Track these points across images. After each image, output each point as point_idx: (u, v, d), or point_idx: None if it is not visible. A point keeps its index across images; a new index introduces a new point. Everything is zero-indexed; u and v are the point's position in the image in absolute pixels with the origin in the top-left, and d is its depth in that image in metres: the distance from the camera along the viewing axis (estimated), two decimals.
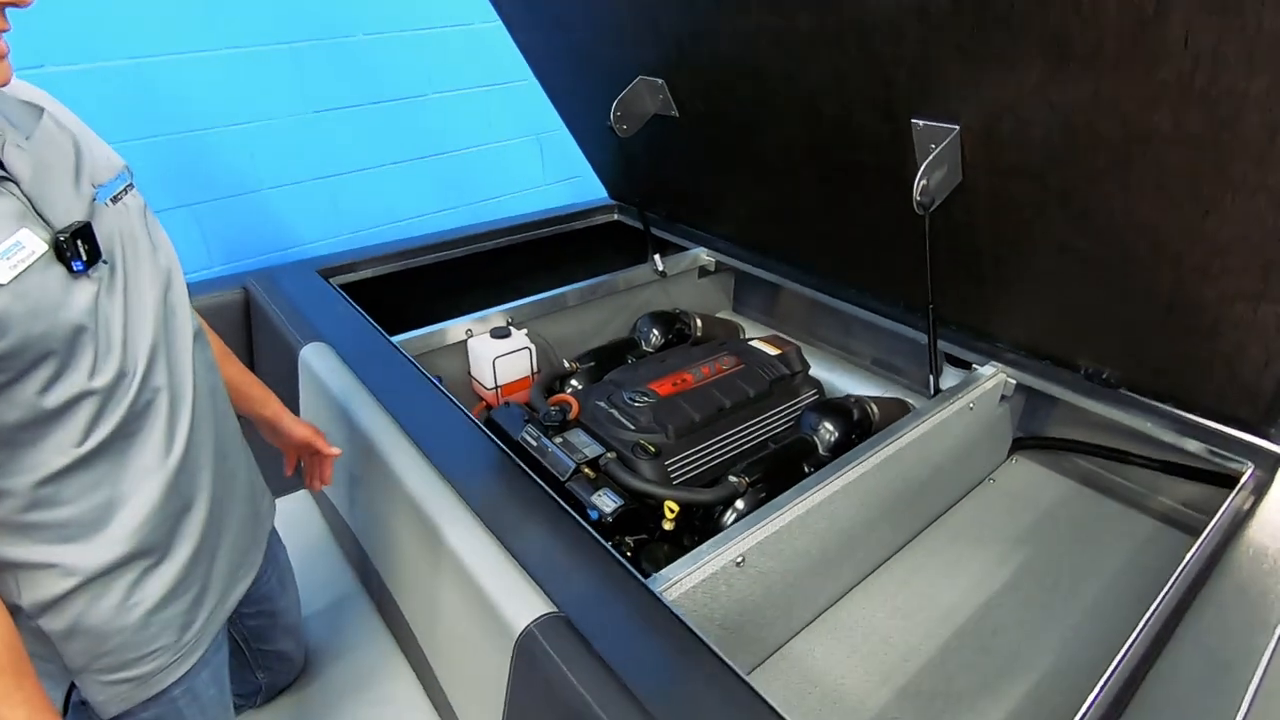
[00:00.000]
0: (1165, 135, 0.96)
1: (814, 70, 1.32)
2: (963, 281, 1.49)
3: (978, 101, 1.13)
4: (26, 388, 0.74)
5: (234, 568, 1.02)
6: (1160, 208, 1.05)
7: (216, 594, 0.97)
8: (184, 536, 0.91)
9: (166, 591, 0.89)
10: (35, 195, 0.76)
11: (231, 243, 2.33)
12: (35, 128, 0.80)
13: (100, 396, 0.80)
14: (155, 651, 0.89)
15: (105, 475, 0.82)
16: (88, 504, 0.81)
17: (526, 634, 0.91)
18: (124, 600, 0.85)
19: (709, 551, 1.12)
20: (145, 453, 0.85)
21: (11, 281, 0.71)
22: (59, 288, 0.76)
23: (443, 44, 2.48)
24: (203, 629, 0.95)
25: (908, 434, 1.40)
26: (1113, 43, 0.91)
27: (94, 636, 0.84)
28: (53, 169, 0.80)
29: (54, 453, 0.78)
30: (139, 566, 0.86)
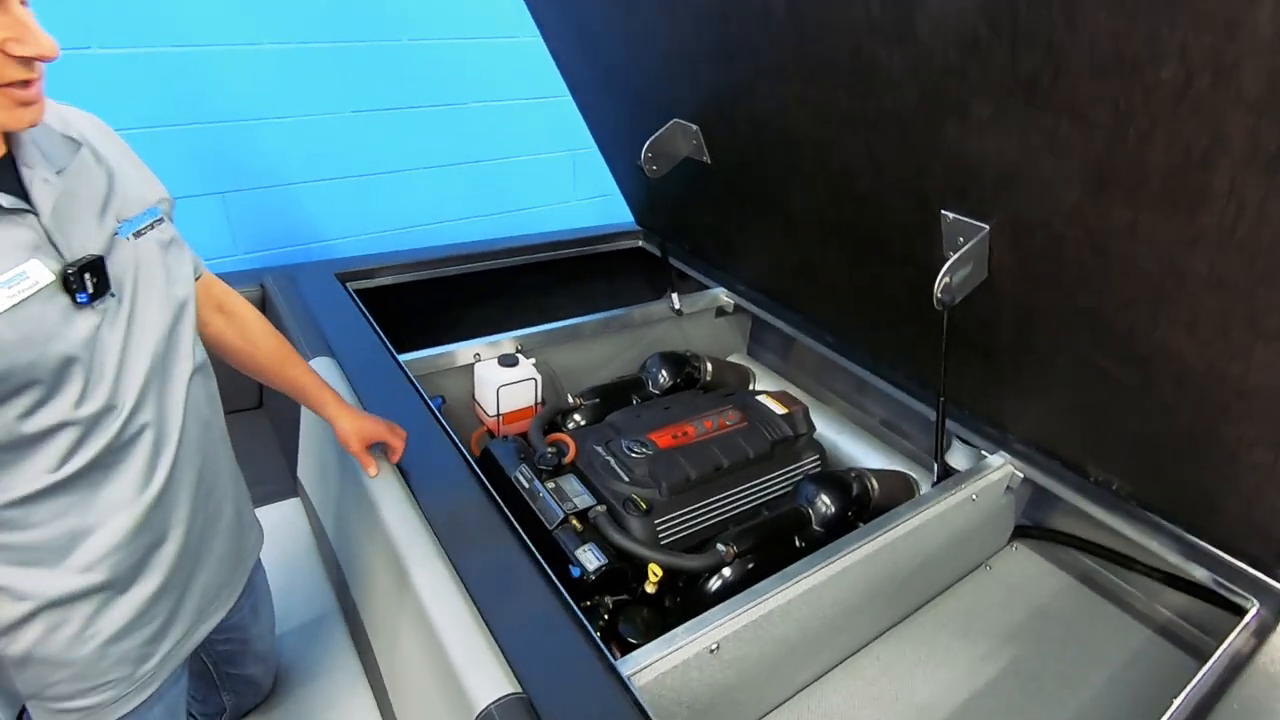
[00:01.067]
0: (1201, 277, 0.92)
1: (850, 147, 1.29)
2: (979, 369, 1.45)
3: (1011, 207, 1.10)
4: (7, 412, 0.75)
5: (206, 603, 1.01)
6: (1188, 344, 1.01)
7: (181, 629, 0.97)
8: (152, 570, 0.90)
9: (126, 624, 0.88)
10: (53, 227, 0.77)
11: (257, 233, 2.34)
12: (70, 161, 0.83)
13: (82, 426, 0.80)
14: (108, 683, 0.89)
15: (76, 503, 0.82)
16: (55, 530, 0.81)
17: (485, 715, 0.90)
18: (81, 631, 0.85)
19: (683, 636, 1.10)
20: (121, 486, 0.85)
21: (7, 310, 0.72)
22: (58, 318, 0.77)
23: (487, 55, 2.47)
24: (161, 663, 0.94)
25: (904, 524, 1.37)
26: (1157, 180, 0.87)
27: (47, 665, 0.84)
28: (78, 202, 0.81)
29: (28, 477, 0.78)
30: (100, 598, 0.86)
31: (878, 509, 1.61)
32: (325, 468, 1.52)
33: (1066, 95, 0.88)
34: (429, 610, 1.04)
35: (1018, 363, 1.34)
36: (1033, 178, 1.02)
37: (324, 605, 1.52)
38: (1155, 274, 0.97)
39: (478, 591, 1.07)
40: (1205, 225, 0.86)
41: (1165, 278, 0.96)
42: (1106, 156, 0.90)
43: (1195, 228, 0.87)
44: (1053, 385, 1.32)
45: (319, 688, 1.36)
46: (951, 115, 1.05)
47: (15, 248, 0.74)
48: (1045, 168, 0.99)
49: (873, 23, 1.04)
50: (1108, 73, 0.82)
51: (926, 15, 0.95)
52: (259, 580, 1.25)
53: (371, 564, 1.27)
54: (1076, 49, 0.83)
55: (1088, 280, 1.06)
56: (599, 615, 1.33)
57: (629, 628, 1.31)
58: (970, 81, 0.98)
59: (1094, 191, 0.95)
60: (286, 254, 2.39)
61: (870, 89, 1.14)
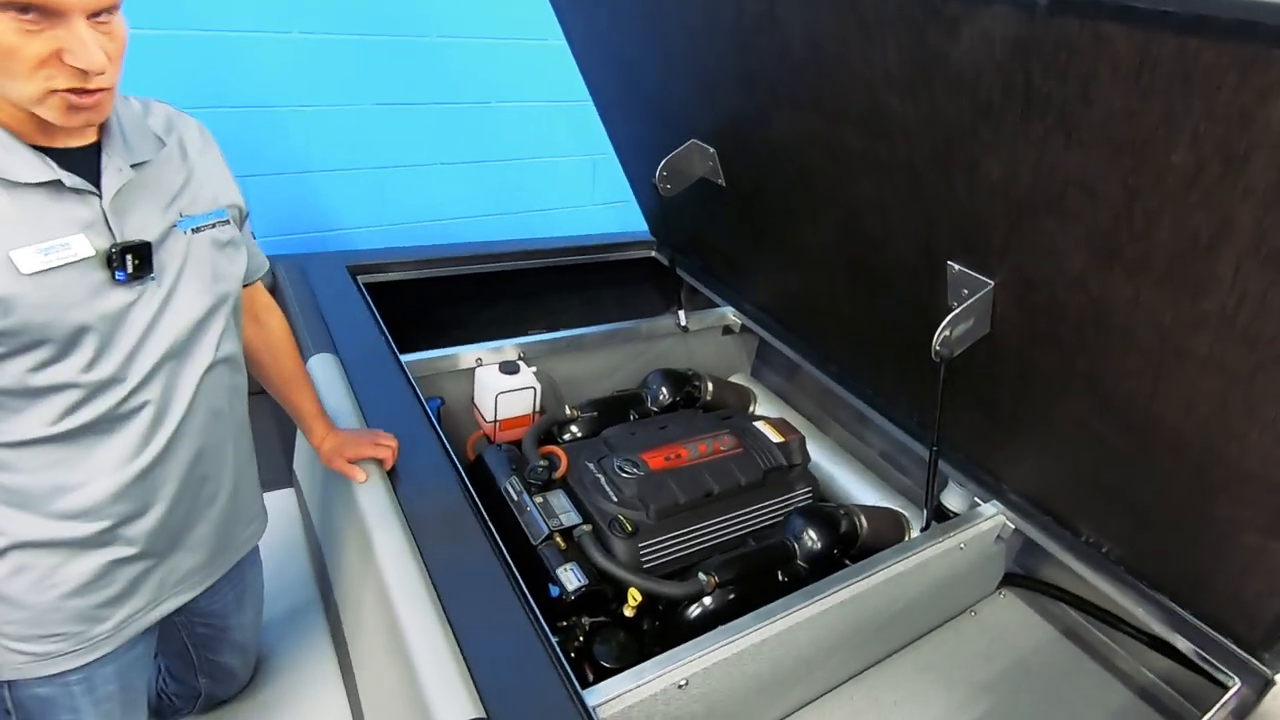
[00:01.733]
0: (1201, 358, 0.90)
1: (861, 188, 1.28)
2: (976, 418, 1.44)
3: (1017, 267, 1.08)
4: (20, 363, 0.81)
5: (175, 582, 1.04)
6: (1185, 421, 0.99)
7: (142, 601, 1.00)
8: (123, 538, 0.94)
9: (85, 582, 0.92)
10: (112, 210, 0.85)
11: (275, 218, 2.37)
12: (152, 156, 0.91)
13: (85, 390, 0.85)
14: (59, 636, 0.93)
15: (65, 459, 0.87)
16: (41, 479, 0.87)
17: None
18: (42, 579, 0.90)
19: (652, 670, 1.10)
20: (111, 452, 0.90)
21: (35, 274, 0.79)
22: (88, 290, 0.83)
23: (514, 55, 2.47)
24: (116, 629, 0.97)
25: (888, 568, 1.36)
26: (1161, 259, 0.85)
27: (7, 602, 0.89)
28: (144, 192, 0.89)
29: (26, 425, 0.84)
30: (67, 551, 0.90)
31: (866, 547, 1.60)
32: (316, 464, 1.54)
33: (1076, 166, 0.87)
34: (403, 624, 1.05)
35: (1015, 417, 1.33)
36: (1039, 241, 1.00)
37: (307, 598, 1.54)
38: (1155, 349, 0.95)
39: (453, 607, 1.08)
40: (1208, 309, 0.85)
41: (1165, 354, 0.94)
42: (1113, 230, 0.88)
43: (1198, 310, 0.86)
44: (1049, 443, 1.30)
45: (294, 682, 1.38)
46: (962, 171, 1.04)
47: (68, 221, 0.81)
48: (1051, 233, 0.97)
49: (889, 73, 1.03)
50: (1119, 149, 0.81)
51: (942, 74, 0.94)
52: (250, 573, 1.27)
53: (352, 568, 1.28)
54: (1088, 122, 0.82)
55: (1088, 346, 1.05)
56: (575, 635, 1.34)
57: (604, 650, 1.32)
58: (982, 142, 0.97)
59: (1099, 262, 0.94)
60: (302, 240, 2.42)
61: (883, 135, 1.13)
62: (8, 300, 0.77)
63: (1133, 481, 1.16)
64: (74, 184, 0.82)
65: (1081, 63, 0.78)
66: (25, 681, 0.92)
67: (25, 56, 0.73)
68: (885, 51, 1.01)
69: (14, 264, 0.77)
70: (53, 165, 0.80)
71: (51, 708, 0.94)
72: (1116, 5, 0.71)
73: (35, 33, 0.73)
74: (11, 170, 0.77)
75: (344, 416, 1.44)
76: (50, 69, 0.74)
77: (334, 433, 1.31)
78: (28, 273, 0.78)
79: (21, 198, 0.78)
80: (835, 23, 1.06)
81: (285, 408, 1.29)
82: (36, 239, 0.79)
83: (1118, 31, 0.73)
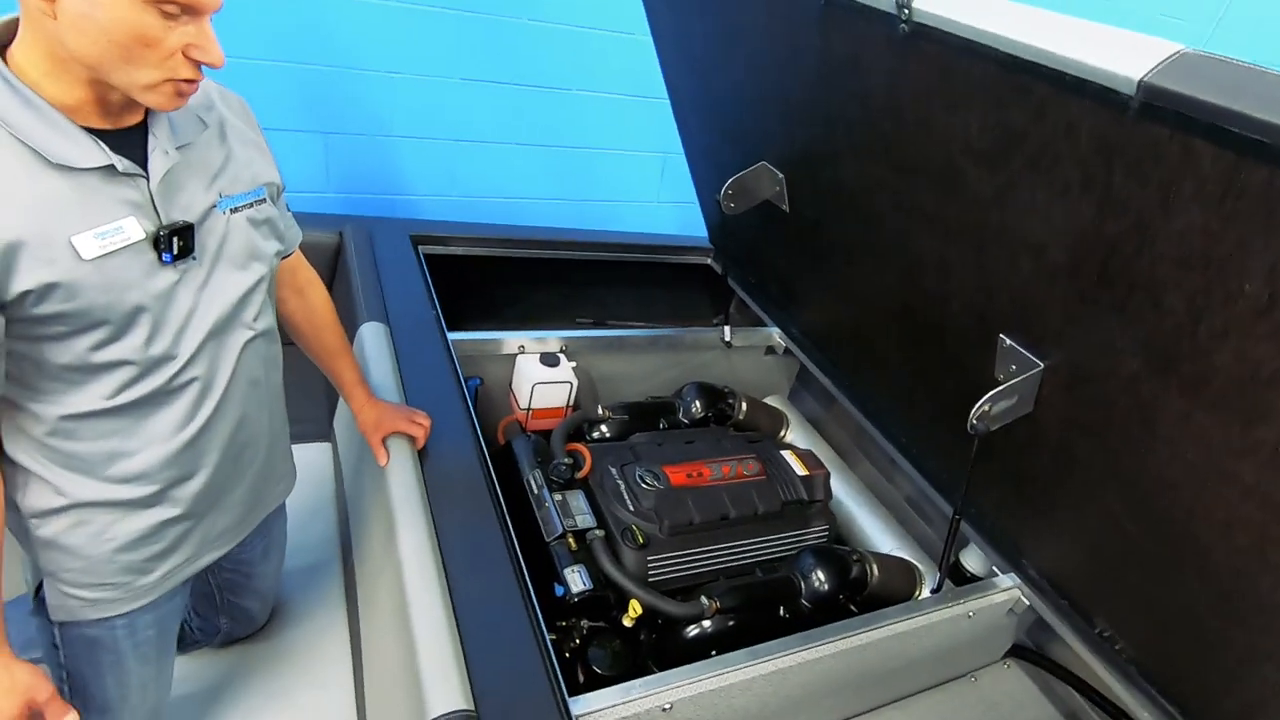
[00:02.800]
0: (1246, 487, 0.87)
1: (923, 244, 1.26)
2: (1006, 491, 1.41)
3: (1070, 355, 1.05)
4: (82, 341, 0.85)
5: (213, 539, 1.10)
6: (1220, 544, 0.96)
7: (184, 556, 1.07)
8: (171, 500, 1.01)
9: (136, 538, 0.99)
10: (158, 192, 0.88)
11: (351, 177, 2.44)
12: (195, 137, 0.94)
13: (140, 367, 0.90)
14: (110, 584, 1.00)
15: (119, 429, 0.93)
16: (97, 447, 0.92)
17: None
18: (99, 533, 0.96)
19: (640, 689, 1.13)
20: (161, 423, 0.95)
21: (96, 259, 0.82)
22: (140, 272, 0.86)
23: (600, 45, 2.47)
24: (159, 580, 1.05)
25: (891, 626, 1.35)
26: (1219, 382, 0.82)
27: (65, 553, 0.96)
28: (188, 173, 0.91)
29: (86, 399, 0.89)
30: (120, 510, 0.97)
31: (874, 596, 1.60)
32: (352, 428, 1.60)
33: (1145, 271, 0.84)
34: (411, 608, 1.10)
35: (1046, 499, 1.30)
36: (1097, 335, 0.97)
37: (328, 554, 1.61)
38: (1201, 466, 0.92)
39: (460, 597, 1.12)
40: (1260, 440, 0.81)
41: (1210, 473, 0.91)
42: (1173, 342, 0.85)
43: (1250, 439, 0.83)
44: (1077, 531, 1.27)
45: (305, 632, 1.45)
46: (1028, 249, 1.01)
47: (119, 203, 0.84)
48: (1111, 329, 0.94)
49: (969, 141, 1.00)
50: (1191, 265, 0.78)
51: (1021, 153, 0.92)
52: (276, 527, 1.34)
53: (373, 540, 1.34)
54: (1164, 232, 0.79)
55: (1132, 448, 1.02)
56: (573, 636, 1.37)
57: (599, 655, 1.35)
58: (1053, 226, 0.94)
59: (1155, 369, 0.91)
60: (373, 200, 2.49)
61: (953, 198, 1.11)
62: (72, 285, 0.81)
63: (1158, 589, 1.13)
64: (126, 168, 0.84)
65: (1166, 172, 0.75)
66: (76, 623, 1.00)
67: (164, 48, 0.77)
68: (968, 120, 0.99)
69: (75, 250, 0.80)
70: (106, 149, 0.82)
71: (96, 647, 1.02)
72: (1209, 124, 0.68)
73: (174, 27, 0.77)
74: (69, 156, 0.80)
75: (385, 388, 1.50)
76: (175, 60, 0.78)
77: (373, 403, 1.36)
78: (89, 258, 0.81)
79: (77, 181, 0.81)
80: (920, 82, 1.04)
81: (326, 374, 1.34)
82: (92, 223, 0.82)
83: (1207, 149, 0.70)
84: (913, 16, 0.99)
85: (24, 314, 0.80)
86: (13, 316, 0.80)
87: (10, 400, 0.88)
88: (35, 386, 0.87)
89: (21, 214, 0.77)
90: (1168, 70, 0.72)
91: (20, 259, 0.78)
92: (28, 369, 0.85)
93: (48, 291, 0.80)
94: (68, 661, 1.01)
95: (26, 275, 0.78)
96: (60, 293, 0.81)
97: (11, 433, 0.90)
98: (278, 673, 1.38)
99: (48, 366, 0.85)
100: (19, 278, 0.78)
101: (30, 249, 0.78)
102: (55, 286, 0.80)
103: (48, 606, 0.98)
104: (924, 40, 1.00)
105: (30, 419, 0.89)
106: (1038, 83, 0.85)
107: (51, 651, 1.01)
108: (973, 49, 0.92)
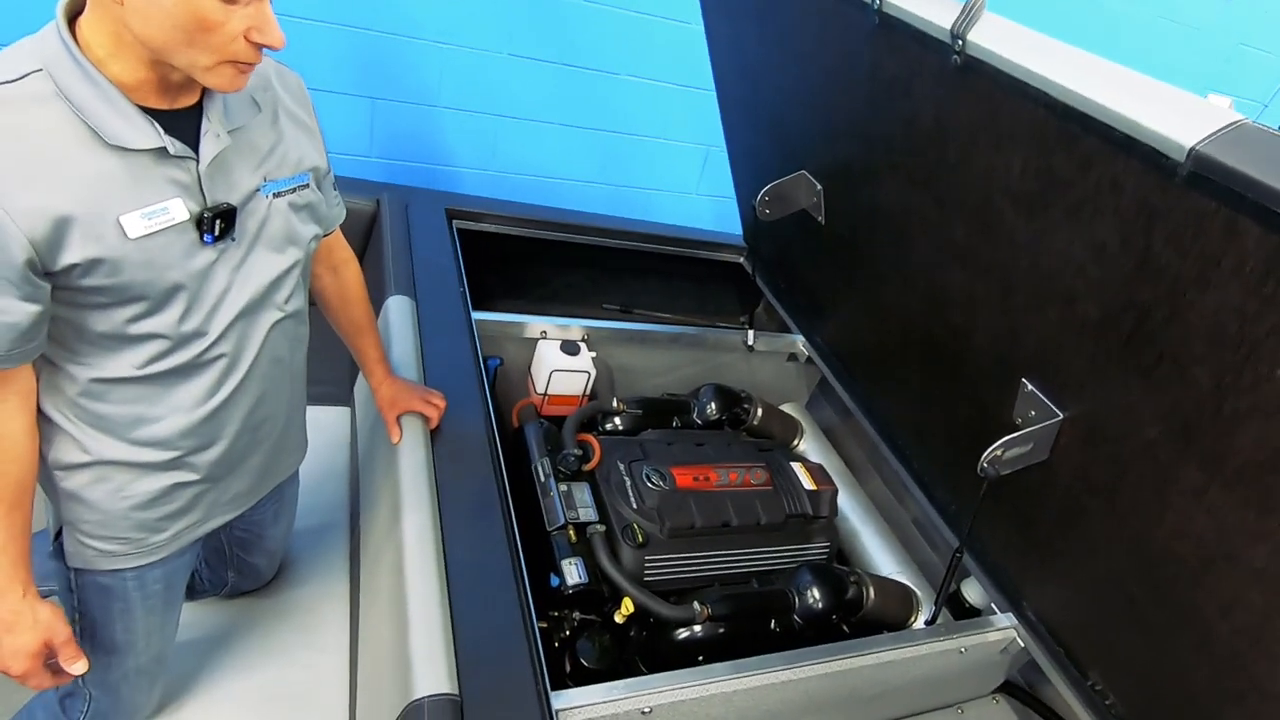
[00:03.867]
0: (1254, 570, 0.85)
1: (954, 277, 1.23)
2: (1012, 533, 1.39)
3: (1090, 409, 1.03)
4: (120, 313, 0.88)
5: (224, 502, 1.14)
6: (1221, 622, 0.94)
7: (195, 518, 1.11)
8: (189, 466, 1.04)
9: (151, 498, 1.03)
10: (206, 175, 0.89)
11: (394, 141, 2.46)
12: (247, 120, 0.94)
13: (172, 341, 0.93)
14: (123, 539, 1.04)
15: (146, 396, 0.96)
16: (123, 411, 0.96)
17: (415, 706, 0.98)
18: (117, 490, 1.00)
19: (622, 690, 1.15)
20: (186, 395, 0.98)
21: (141, 237, 0.85)
22: (181, 251, 0.89)
23: (652, 31, 2.44)
24: (169, 540, 1.09)
25: (880, 654, 1.35)
26: (1238, 463, 0.80)
27: (85, 505, 1.00)
28: (237, 157, 0.93)
29: (118, 365, 0.92)
30: (139, 470, 1.01)
31: (868, 619, 1.60)
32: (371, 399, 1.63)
33: (1175, 341, 0.82)
34: (409, 589, 1.12)
35: (1051, 547, 1.28)
36: (1119, 395, 0.95)
37: (337, 519, 1.66)
38: (1211, 543, 0.90)
39: (456, 580, 1.15)
40: (1272, 527, 0.79)
41: (1219, 552, 0.89)
42: (1195, 416, 0.83)
43: (1263, 525, 0.80)
44: (1080, 584, 1.25)
45: (308, 594, 1.50)
46: (1058, 299, 0.99)
47: (167, 183, 0.86)
48: (1134, 392, 0.92)
49: (1010, 183, 0.98)
50: (1222, 342, 0.75)
51: (1062, 203, 0.89)
52: (289, 493, 1.38)
53: (380, 515, 1.37)
54: (1199, 305, 0.77)
55: (1143, 513, 1.00)
56: (564, 627, 1.40)
57: (587, 647, 1.37)
58: (1086, 280, 0.92)
59: (1174, 438, 0.88)
60: (413, 169, 2.50)
61: (988, 236, 1.08)
62: (116, 262, 0.83)
63: (1154, 654, 1.11)
64: (178, 151, 0.85)
65: (1207, 245, 0.73)
66: (90, 571, 1.05)
67: (226, 31, 0.78)
68: (1011, 160, 0.96)
69: (122, 228, 0.82)
70: (160, 131, 0.83)
71: (107, 595, 1.07)
72: (1257, 203, 0.66)
73: (234, 10, 0.77)
74: (124, 137, 0.81)
75: (405, 365, 1.52)
76: (236, 43, 0.79)
77: (390, 380, 1.38)
78: (134, 237, 0.83)
79: (130, 161, 0.83)
80: (967, 116, 1.01)
81: (350, 348, 1.37)
82: (140, 202, 0.83)
83: (1253, 229, 0.68)
84: (966, 49, 0.96)
85: (69, 284, 0.83)
86: (57, 284, 0.83)
87: (49, 359, 0.91)
88: (73, 349, 0.90)
89: (75, 190, 0.79)
90: (1222, 141, 0.69)
91: (70, 233, 0.80)
92: (68, 333, 0.89)
93: (92, 266, 0.82)
94: (80, 605, 1.06)
95: (74, 249, 0.80)
96: (104, 268, 0.83)
97: (47, 390, 0.93)
98: (278, 630, 1.43)
99: (87, 333, 0.88)
100: (67, 251, 0.80)
101: (80, 224, 0.80)
102: (100, 262, 0.82)
103: (65, 553, 1.03)
104: (975, 74, 0.97)
105: (65, 378, 0.92)
106: (1087, 134, 0.83)
107: (67, 594, 1.06)
108: (1024, 90, 0.89)
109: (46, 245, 0.79)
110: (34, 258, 0.79)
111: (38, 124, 0.78)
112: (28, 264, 0.78)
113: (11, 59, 0.79)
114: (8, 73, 0.78)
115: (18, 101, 0.77)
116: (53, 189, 0.78)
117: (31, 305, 0.81)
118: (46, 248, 0.79)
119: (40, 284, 0.81)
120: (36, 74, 0.78)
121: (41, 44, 0.80)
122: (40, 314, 0.83)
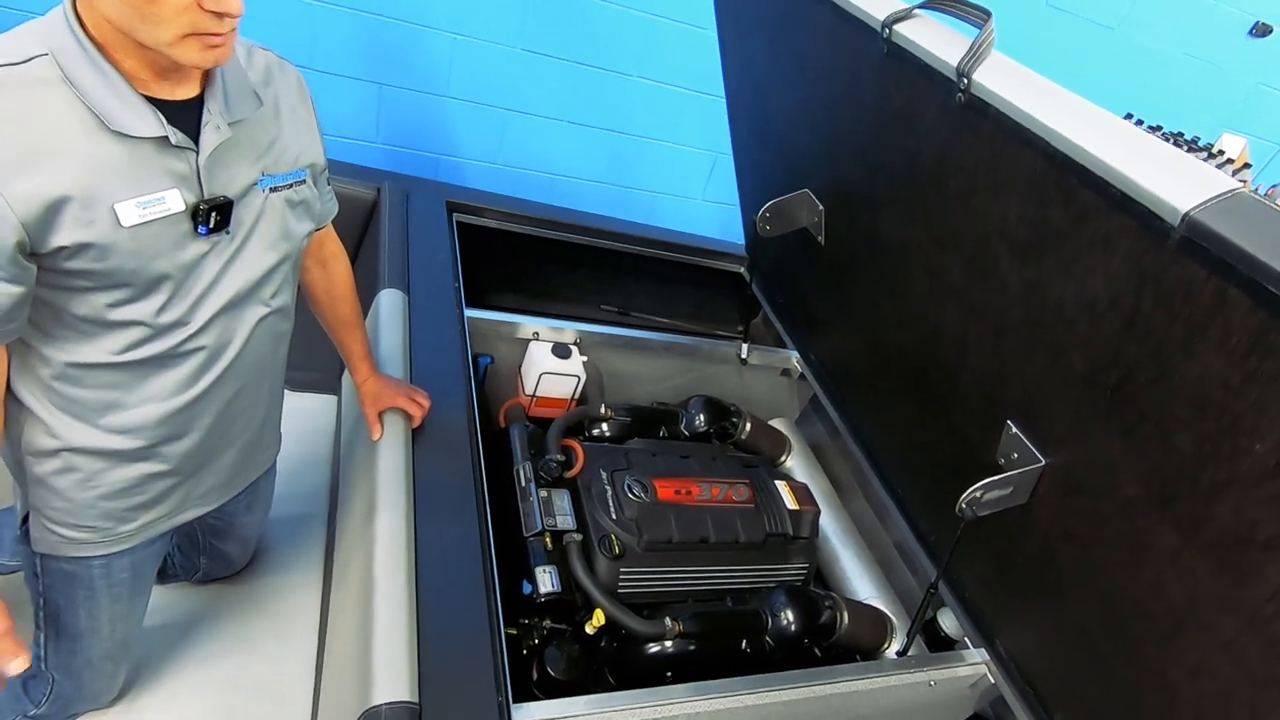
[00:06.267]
0: (1223, 640, 0.84)
1: (946, 315, 1.22)
2: (988, 571, 1.38)
3: (1071, 460, 1.02)
4: (101, 298, 0.88)
5: (195, 496, 1.14)
6: (1188, 686, 0.93)
7: (165, 510, 1.10)
8: (159, 457, 1.04)
9: (120, 489, 1.03)
10: (205, 167, 0.89)
11: (400, 128, 2.44)
12: (249, 113, 0.94)
13: (152, 330, 0.92)
14: (89, 528, 1.04)
15: (122, 383, 0.95)
16: (98, 397, 0.95)
17: (373, 712, 0.98)
18: (85, 480, 1.00)
19: (582, 708, 1.14)
20: (162, 384, 0.98)
21: (134, 226, 0.84)
22: (173, 242, 0.88)
23: (667, 34, 2.42)
24: (137, 530, 1.08)
25: (847, 683, 1.35)
26: (1213, 530, 0.79)
27: (52, 492, 1.00)
28: (236, 150, 0.92)
29: (95, 350, 0.92)
30: (109, 460, 1.00)
31: (841, 643, 1.59)
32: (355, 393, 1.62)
33: (1158, 403, 0.81)
34: (376, 593, 1.11)
35: (1025, 590, 1.27)
36: (1101, 450, 0.94)
37: (317, 508, 1.65)
38: (1181, 608, 0.89)
39: (426, 585, 1.14)
40: (1244, 599, 0.78)
41: (1189, 618, 0.88)
42: (1174, 480, 0.82)
43: (1234, 596, 0.79)
44: (1051, 629, 1.25)
45: (281, 584, 1.50)
46: (1047, 349, 0.98)
47: (166, 174, 0.86)
48: (1114, 450, 0.91)
49: (1007, 228, 0.96)
50: (1204, 411, 0.74)
51: (1055, 253, 0.88)
52: (264, 484, 1.38)
53: (354, 509, 1.36)
54: (1183, 371, 0.75)
55: (1116, 570, 0.99)
56: (533, 635, 1.39)
57: (555, 656, 1.37)
58: (1074, 333, 0.90)
59: (1152, 500, 0.87)
60: (417, 158, 2.49)
61: (982, 280, 1.07)
62: (105, 247, 0.82)
63: (1119, 709, 1.10)
64: (179, 141, 0.85)
65: (1195, 312, 0.72)
66: (55, 557, 1.05)
67: (173, 3, 0.75)
68: (1008, 206, 0.95)
69: (116, 215, 0.82)
70: (162, 120, 0.83)
71: (72, 581, 1.07)
72: (1247, 276, 0.64)
73: None
74: (126, 124, 0.81)
75: (392, 360, 1.51)
76: (191, 13, 0.76)
77: (375, 376, 1.38)
78: (127, 225, 0.83)
79: (130, 148, 0.82)
80: (968, 155, 1.00)
81: (335, 342, 1.36)
82: (137, 191, 0.83)
83: (1241, 301, 0.67)
84: (971, 88, 0.94)
85: (54, 266, 0.83)
86: (42, 266, 0.83)
87: (24, 341, 0.90)
88: (49, 332, 0.90)
89: (72, 173, 0.79)
90: (1217, 208, 0.68)
91: (63, 216, 0.79)
92: (46, 315, 0.88)
93: (81, 250, 0.82)
94: (45, 590, 1.06)
95: (65, 232, 0.80)
96: (92, 252, 0.82)
97: (20, 371, 0.93)
98: (248, 619, 1.43)
99: (65, 315, 0.88)
100: (58, 234, 0.80)
101: (74, 207, 0.79)
102: (89, 246, 0.82)
103: (31, 538, 1.02)
104: (977, 114, 0.95)
105: (39, 361, 0.92)
106: (1084, 187, 0.81)
107: (32, 579, 1.06)
108: (1024, 136, 0.88)
109: (38, 227, 0.78)
110: (24, 240, 0.78)
111: (41, 107, 0.77)
112: (17, 246, 0.78)
113: (18, 41, 0.78)
114: (13, 55, 0.77)
115: (22, 84, 0.77)
116: (51, 172, 0.78)
117: (15, 287, 0.81)
118: (38, 230, 0.79)
119: (26, 265, 0.81)
120: (42, 58, 0.77)
121: (49, 27, 0.79)
122: (23, 295, 0.82)
